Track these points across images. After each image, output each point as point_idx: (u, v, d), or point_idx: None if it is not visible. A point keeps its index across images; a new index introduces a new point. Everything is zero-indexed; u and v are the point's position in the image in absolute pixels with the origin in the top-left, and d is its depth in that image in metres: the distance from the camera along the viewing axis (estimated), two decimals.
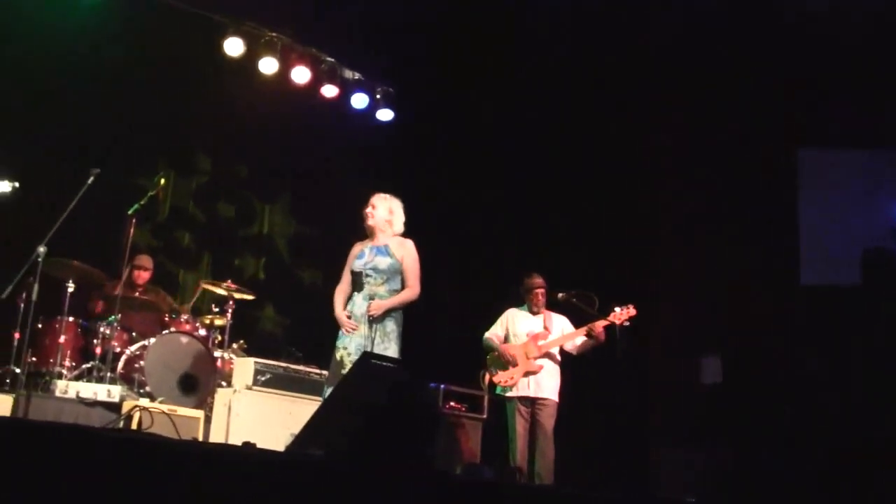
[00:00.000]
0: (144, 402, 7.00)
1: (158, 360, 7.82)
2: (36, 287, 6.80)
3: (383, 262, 6.34)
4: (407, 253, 6.42)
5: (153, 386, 7.69)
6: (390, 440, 4.54)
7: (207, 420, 7.35)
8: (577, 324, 7.72)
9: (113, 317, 7.97)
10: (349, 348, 6.20)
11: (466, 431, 8.21)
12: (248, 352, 8.53)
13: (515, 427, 7.55)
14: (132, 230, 7.76)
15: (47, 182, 7.69)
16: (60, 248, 7.26)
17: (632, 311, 7.48)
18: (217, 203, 10.49)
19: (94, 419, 6.90)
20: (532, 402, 7.59)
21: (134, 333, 8.28)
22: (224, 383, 8.01)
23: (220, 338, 8.56)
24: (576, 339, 7.71)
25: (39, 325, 7.77)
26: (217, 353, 8.26)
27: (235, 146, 10.30)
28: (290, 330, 10.22)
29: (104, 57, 8.84)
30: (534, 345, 7.63)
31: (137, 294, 8.67)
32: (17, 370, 7.22)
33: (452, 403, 8.30)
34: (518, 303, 7.98)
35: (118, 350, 8.02)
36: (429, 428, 5.41)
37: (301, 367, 7.82)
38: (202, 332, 8.47)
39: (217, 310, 8.66)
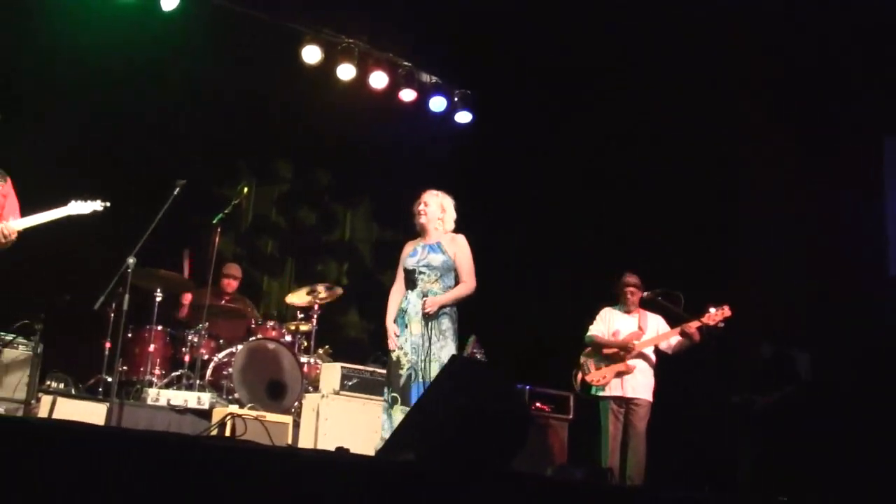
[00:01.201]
0: (234, 408, 7.00)
1: (246, 367, 7.84)
2: (126, 297, 6.83)
3: (436, 259, 6.23)
4: (459, 249, 6.30)
5: (241, 392, 7.71)
6: (482, 443, 4.50)
7: (296, 425, 7.33)
8: (672, 323, 7.67)
9: (200, 325, 8.02)
10: (405, 348, 6.12)
11: (554, 432, 8.15)
12: (334, 357, 8.53)
13: (608, 427, 7.47)
14: (217, 239, 7.81)
15: (135, 195, 7.75)
16: (148, 258, 7.31)
17: (727, 311, 7.38)
18: (299, 210, 10.54)
19: (186, 426, 7.01)
20: (626, 402, 7.55)
21: (221, 341, 8.36)
22: (311, 388, 7.99)
23: (305, 343, 8.55)
24: (670, 339, 7.65)
25: (129, 335, 7.85)
26: (303, 359, 8.24)
27: (315, 154, 10.37)
28: (375, 335, 9.77)
29: (185, 69, 8.95)
30: (629, 343, 7.56)
31: (224, 302, 8.81)
32: (109, 379, 7.28)
33: (538, 404, 8.25)
34: (611, 302, 7.91)
35: (206, 357, 8.10)
36: (520, 430, 5.35)
37: None
38: (288, 338, 8.46)
39: (302, 316, 8.67)
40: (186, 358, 8.01)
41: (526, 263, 9.98)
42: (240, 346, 8.02)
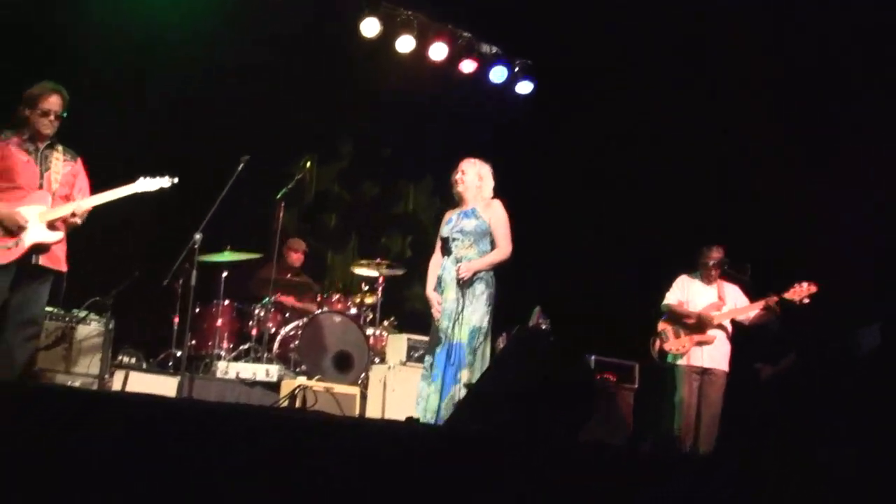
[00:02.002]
0: (302, 380, 7.03)
1: (313, 340, 7.93)
2: (194, 273, 6.86)
3: (469, 224, 6.16)
4: (494, 213, 6.21)
5: (309, 365, 7.78)
6: (550, 413, 4.51)
7: (363, 397, 7.40)
8: (749, 293, 7.61)
9: (267, 298, 8.07)
10: (443, 314, 6.06)
11: (620, 402, 8.12)
12: (399, 329, 8.55)
13: (682, 395, 7.45)
14: (281, 214, 7.81)
15: (201, 172, 7.57)
16: (215, 234, 7.27)
17: (813, 288, 7.27)
18: (362, 184, 10.57)
19: (255, 399, 7.04)
20: (702, 372, 7.52)
21: (287, 314, 8.46)
22: (377, 360, 8.07)
23: (371, 315, 8.59)
24: (749, 311, 7.60)
25: (197, 310, 7.93)
26: (369, 331, 8.32)
27: (377, 127, 10.28)
28: None
29: (245, 47, 8.86)
30: (708, 315, 7.54)
31: (290, 276, 8.84)
32: (179, 353, 7.34)
33: (604, 374, 8.19)
34: (688, 269, 7.84)
35: (273, 331, 8.15)
36: (587, 401, 5.34)
37: None
38: (353, 310, 8.53)
39: (367, 288, 8.70)
40: (254, 332, 8.09)
41: (590, 232, 9.86)
42: (306, 319, 8.08)
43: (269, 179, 8.37)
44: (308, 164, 8.44)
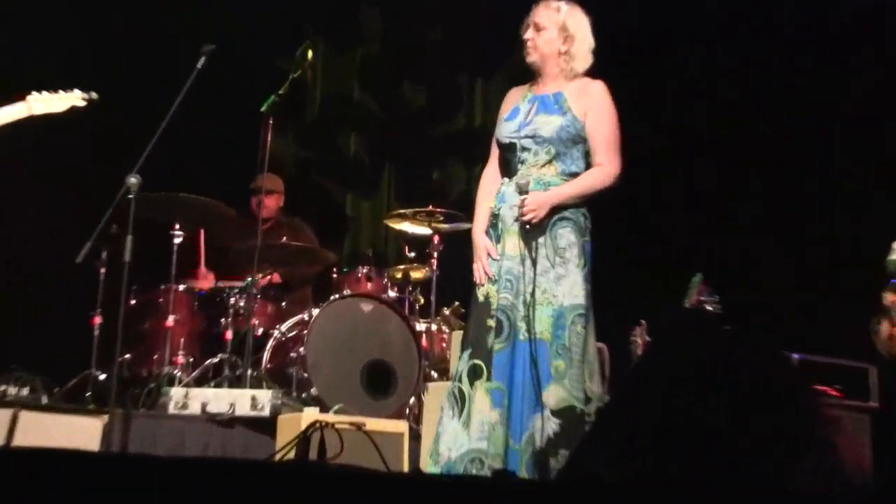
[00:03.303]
0: (311, 412, 6.70)
1: (329, 344, 7.77)
2: (128, 241, 6.48)
3: (550, 123, 5.79)
4: (594, 103, 5.83)
5: (323, 386, 7.60)
6: (732, 451, 4.19)
7: (414, 436, 7.11)
8: None
9: (250, 279, 7.86)
10: (500, 281, 5.72)
11: (848, 430, 7.66)
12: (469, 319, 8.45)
13: None
14: (269, 137, 7.60)
15: (139, 80, 8.24)
16: (160, 177, 7.11)
17: None
18: (398, 85, 10.49)
19: (236, 446, 6.92)
20: None
21: (284, 303, 8.35)
22: (435, 373, 7.98)
23: (422, 300, 8.47)
24: None
25: (133, 301, 7.82)
26: (420, 326, 8.14)
27: None
28: None
29: None
30: None
31: (285, 238, 8.53)
32: (103, 376, 7.33)
33: (820, 384, 7.67)
34: None
35: (260, 332, 8.06)
36: (799, 426, 4.60)
37: None
38: (392, 292, 8.43)
39: (414, 254, 8.59)
40: (228, 334, 7.92)
41: (777, 177, 9.68)
42: (315, 311, 7.87)
43: (246, 82, 8.64)
44: (310, 53, 8.07)
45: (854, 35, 9.78)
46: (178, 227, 7.81)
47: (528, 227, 5.68)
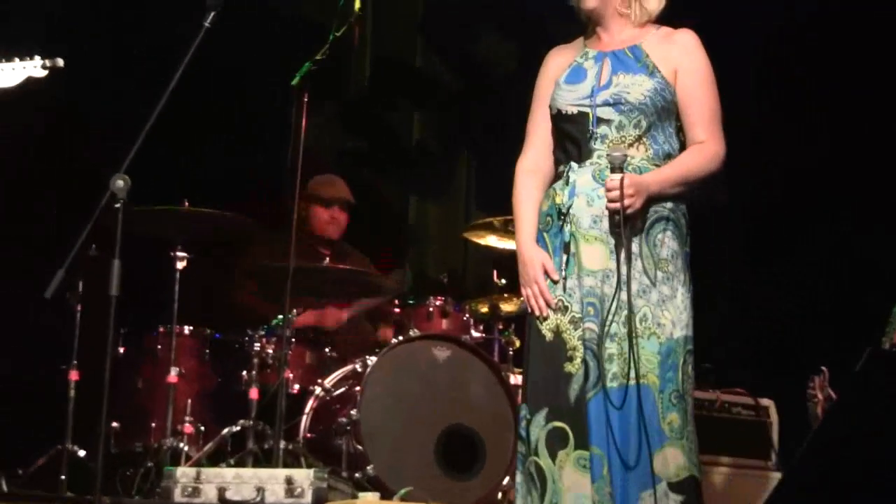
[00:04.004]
0: (367, 498, 6.76)
1: (390, 404, 7.82)
2: (115, 267, 5.87)
3: (639, 85, 5.56)
4: (687, 61, 5.64)
5: (383, 462, 7.56)
6: None
7: None
8: None
9: (279, 317, 7.85)
10: (571, 307, 5.43)
11: None
12: None
13: None
14: (304, 121, 7.34)
15: (120, 48, 8.40)
16: (156, 179, 7.00)
17: None
18: (477, 41, 10.40)
19: None
20: None
21: (328, 349, 8.31)
22: None
23: (516, 341, 8.30)
24: None
25: (122, 349, 7.86)
26: (515, 378, 8.01)
27: None
28: None
29: None
30: None
31: (327, 260, 8.47)
32: (82, 452, 7.24)
33: None
34: None
35: (297, 388, 8.09)
36: None
37: (714, 397, 7.79)
38: (476, 332, 8.37)
39: (504, 280, 8.49)
40: (252, 393, 7.82)
41: None
42: (371, 359, 7.82)
43: (271, 45, 8.90)
44: (357, 3, 7.54)
45: None
46: (180, 247, 7.73)
47: (617, 225, 5.38)
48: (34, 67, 6.17)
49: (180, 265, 7.77)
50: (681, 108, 5.64)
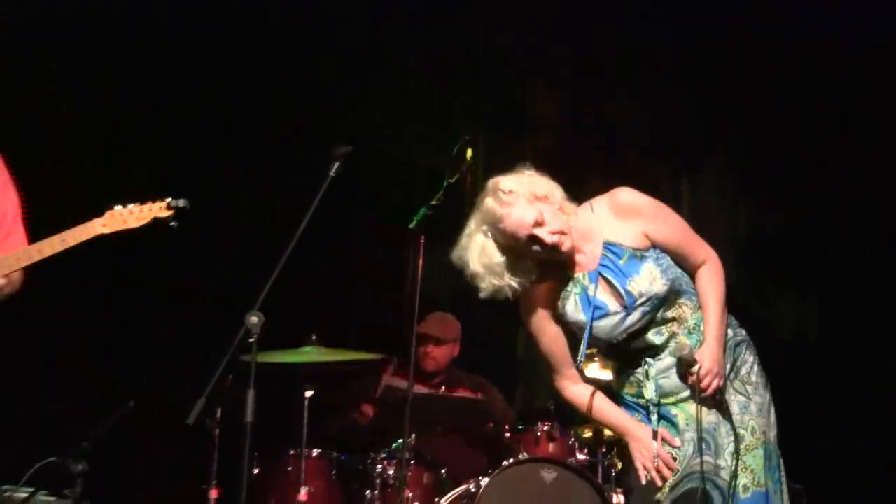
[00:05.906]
0: None
1: None
2: (250, 397, 6.23)
3: (651, 278, 5.71)
4: (641, 216, 5.74)
5: None
6: None
7: None
8: None
9: (399, 440, 7.97)
10: (692, 445, 5.59)
11: None
12: None
13: None
14: (421, 260, 7.53)
15: (245, 189, 8.60)
16: (285, 315, 6.68)
17: None
18: (586, 184, 10.35)
19: None
20: None
21: (444, 471, 8.35)
22: None
23: (618, 464, 8.42)
24: None
25: (257, 470, 8.06)
26: (619, 498, 8.21)
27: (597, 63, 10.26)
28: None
29: None
30: None
31: (443, 389, 8.86)
32: None
33: None
34: None
35: None
36: None
37: None
38: (582, 455, 8.45)
39: None
40: None
41: None
42: (484, 480, 7.93)
43: (388, 191, 9.13)
44: (469, 152, 7.96)
45: None
46: (308, 381, 8.11)
47: (699, 387, 5.62)
48: (160, 209, 6.17)
49: (308, 393, 8.08)
50: (669, 253, 5.82)
